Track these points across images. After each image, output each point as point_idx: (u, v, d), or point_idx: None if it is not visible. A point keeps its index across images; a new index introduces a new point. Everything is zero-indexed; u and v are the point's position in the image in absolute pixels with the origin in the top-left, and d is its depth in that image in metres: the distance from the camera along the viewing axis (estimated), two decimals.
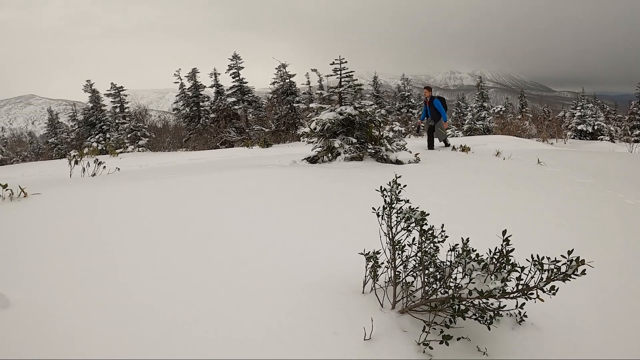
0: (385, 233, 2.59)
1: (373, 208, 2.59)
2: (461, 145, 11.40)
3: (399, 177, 2.64)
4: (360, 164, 7.03)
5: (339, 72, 8.88)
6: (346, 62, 8.98)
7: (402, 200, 2.56)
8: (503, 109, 33.96)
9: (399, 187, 2.54)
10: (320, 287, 2.71)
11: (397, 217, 2.54)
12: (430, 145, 12.89)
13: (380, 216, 2.57)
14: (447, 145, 13.30)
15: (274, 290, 2.63)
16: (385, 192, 2.55)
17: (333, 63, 8.94)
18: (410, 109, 35.44)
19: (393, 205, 2.52)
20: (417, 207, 2.56)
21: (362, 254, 2.68)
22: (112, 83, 29.83)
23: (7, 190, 4.52)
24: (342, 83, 8.72)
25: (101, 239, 3.35)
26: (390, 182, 2.55)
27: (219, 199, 4.51)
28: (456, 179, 6.30)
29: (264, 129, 25.99)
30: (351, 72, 9.07)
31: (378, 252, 2.69)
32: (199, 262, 2.98)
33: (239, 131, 25.18)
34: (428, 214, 2.51)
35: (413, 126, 27.60)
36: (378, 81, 37.67)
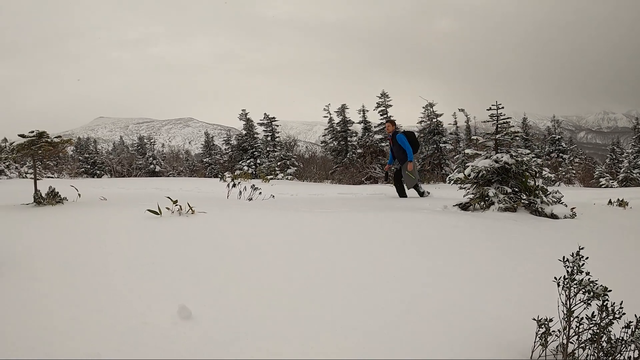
0: (562, 303, 2.60)
1: (555, 277, 2.61)
2: (618, 199, 10.44)
3: (582, 248, 2.63)
4: (514, 216, 6.83)
5: (495, 118, 8.78)
6: (503, 107, 8.86)
7: (582, 272, 2.56)
8: None
9: (582, 258, 2.54)
10: (488, 347, 2.77)
11: (576, 288, 2.54)
12: (402, 194, 10.37)
13: (561, 286, 2.58)
14: (419, 193, 10.37)
15: (449, 345, 2.74)
16: (567, 262, 2.57)
17: (490, 108, 8.88)
18: (561, 154, 33.09)
19: (574, 277, 2.53)
20: (597, 280, 2.56)
21: (534, 319, 2.70)
22: (265, 113, 32.68)
23: (176, 205, 5.21)
24: (499, 129, 8.59)
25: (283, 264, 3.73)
26: (573, 254, 2.57)
27: (384, 244, 4.73)
28: (617, 243, 5.82)
29: None
30: (508, 118, 8.93)
31: (551, 320, 2.68)
32: (368, 307, 3.20)
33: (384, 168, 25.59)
34: (610, 290, 2.48)
35: (564, 173, 25.59)
36: (527, 122, 35.80)
